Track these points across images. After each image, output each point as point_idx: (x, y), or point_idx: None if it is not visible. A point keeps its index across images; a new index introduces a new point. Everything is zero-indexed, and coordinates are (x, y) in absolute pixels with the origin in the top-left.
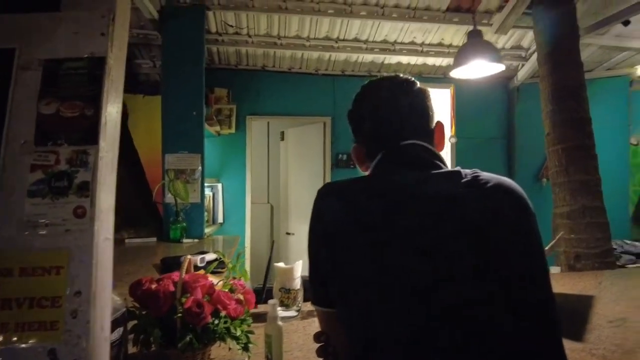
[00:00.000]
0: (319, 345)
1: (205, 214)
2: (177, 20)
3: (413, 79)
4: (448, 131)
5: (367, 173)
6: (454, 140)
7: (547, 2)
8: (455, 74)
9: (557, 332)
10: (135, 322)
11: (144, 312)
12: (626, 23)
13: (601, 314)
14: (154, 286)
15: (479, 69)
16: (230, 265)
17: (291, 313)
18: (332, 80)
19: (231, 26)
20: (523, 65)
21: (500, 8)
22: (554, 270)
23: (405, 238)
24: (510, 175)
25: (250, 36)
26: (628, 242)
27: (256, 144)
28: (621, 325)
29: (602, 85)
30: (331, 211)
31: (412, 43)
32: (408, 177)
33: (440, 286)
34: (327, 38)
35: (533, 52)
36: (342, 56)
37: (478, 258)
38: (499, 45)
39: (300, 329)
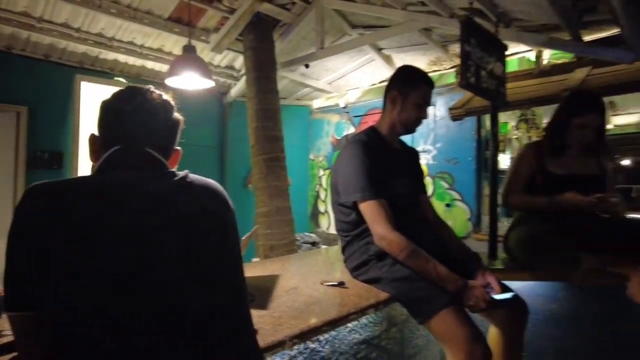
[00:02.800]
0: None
1: None
2: None
3: (168, 98)
4: None
5: (95, 164)
6: None
7: (254, 34)
8: (170, 82)
9: (247, 304)
10: None
11: None
12: (307, 66)
13: (281, 287)
14: None
15: (192, 82)
16: None
17: None
18: (32, 64)
19: None
20: (235, 84)
21: (217, 29)
22: (255, 259)
23: (118, 234)
24: (222, 180)
25: None
26: (307, 234)
27: None
28: (293, 292)
29: (293, 111)
30: (39, 211)
31: (131, 43)
32: (127, 176)
33: (148, 274)
34: (24, 14)
35: (243, 74)
36: (46, 39)
37: (186, 246)
38: (215, 63)
39: None
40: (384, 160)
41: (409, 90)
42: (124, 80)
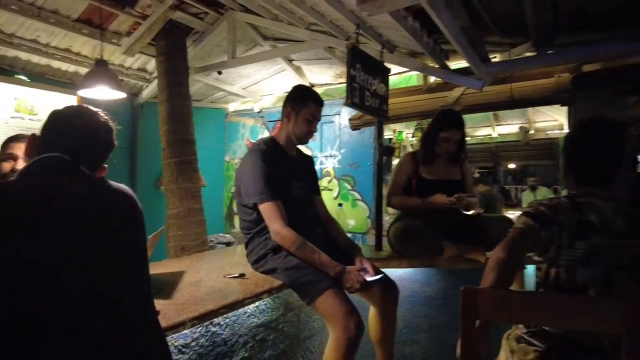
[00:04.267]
0: None
1: None
2: None
3: (112, 123)
4: None
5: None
6: None
7: (167, 41)
8: (82, 93)
9: (149, 289)
10: None
11: None
12: (219, 73)
13: (186, 281)
14: None
15: (103, 93)
16: None
17: None
18: None
19: None
20: (147, 86)
21: (129, 33)
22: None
23: (42, 232)
24: (133, 181)
25: None
26: (221, 234)
27: None
28: (197, 284)
29: (208, 114)
30: None
31: (35, 41)
32: (52, 179)
33: (68, 269)
34: None
35: (155, 77)
36: None
37: (101, 238)
38: (127, 65)
39: None
40: (281, 166)
41: (300, 107)
42: (25, 78)
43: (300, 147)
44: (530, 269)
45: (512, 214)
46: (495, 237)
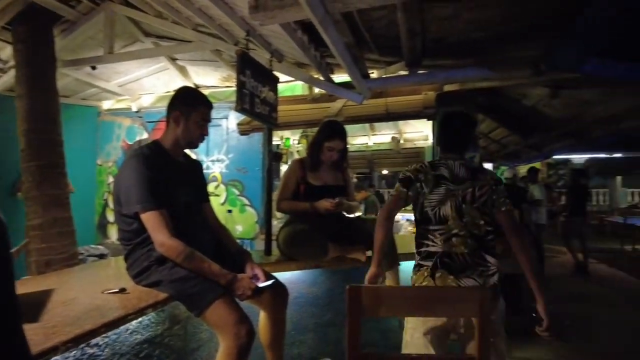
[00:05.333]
0: None
1: None
2: None
3: None
4: None
5: None
6: None
7: (27, 26)
8: None
9: (18, 314)
10: None
11: None
12: (94, 68)
13: (57, 300)
14: None
15: None
16: None
17: None
18: None
19: None
20: (1, 76)
21: None
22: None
23: None
24: None
25: None
26: (93, 246)
27: None
28: (71, 303)
29: (78, 112)
30: None
31: None
32: None
33: None
34: None
35: (12, 67)
36: None
37: None
38: None
39: None
40: (166, 172)
41: (190, 110)
42: None
43: (186, 151)
44: (404, 266)
45: None
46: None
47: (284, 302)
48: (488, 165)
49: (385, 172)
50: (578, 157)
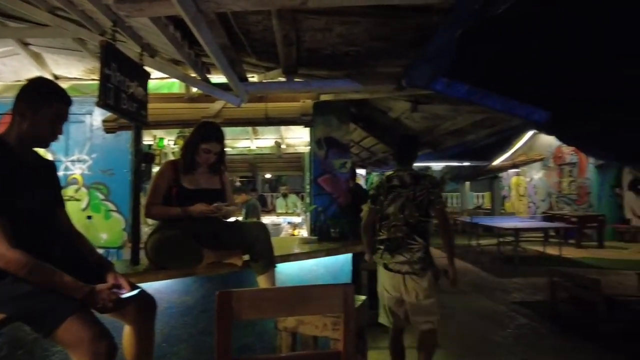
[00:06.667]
0: None
1: None
2: None
3: None
4: None
5: None
6: None
7: None
8: None
9: None
10: None
11: None
12: None
13: None
14: None
15: None
16: None
17: None
18: None
19: None
20: None
21: None
22: None
23: None
24: None
25: None
26: None
27: None
28: None
29: None
30: None
31: None
32: None
33: None
34: None
35: None
36: None
37: None
38: None
39: None
40: (10, 173)
41: (39, 105)
42: None
43: (40, 150)
44: (279, 267)
45: (269, 219)
46: (252, 241)
47: (151, 313)
48: (361, 171)
49: (268, 176)
50: (436, 165)
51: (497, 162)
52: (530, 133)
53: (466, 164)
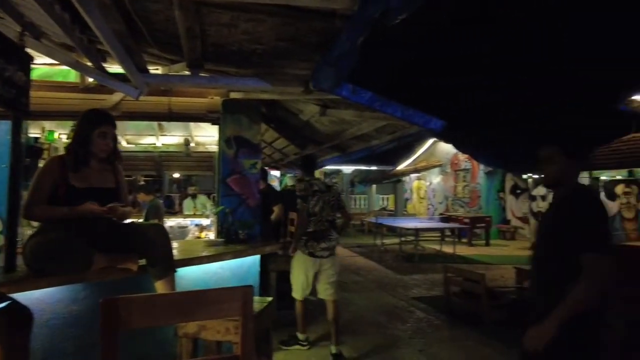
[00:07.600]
0: None
1: None
2: None
3: None
4: None
5: None
6: None
7: None
8: None
9: None
10: None
11: None
12: None
13: None
14: None
15: None
16: None
17: None
18: None
19: None
20: None
21: None
22: None
23: None
24: None
25: None
26: None
27: None
28: None
29: None
30: None
31: None
32: None
33: None
34: None
35: None
36: None
37: None
38: None
39: None
40: None
41: None
42: None
43: None
44: (180, 272)
45: (175, 221)
46: (149, 244)
47: (25, 327)
48: (275, 172)
49: (176, 175)
50: (346, 168)
51: (401, 166)
52: (430, 141)
53: (373, 168)
